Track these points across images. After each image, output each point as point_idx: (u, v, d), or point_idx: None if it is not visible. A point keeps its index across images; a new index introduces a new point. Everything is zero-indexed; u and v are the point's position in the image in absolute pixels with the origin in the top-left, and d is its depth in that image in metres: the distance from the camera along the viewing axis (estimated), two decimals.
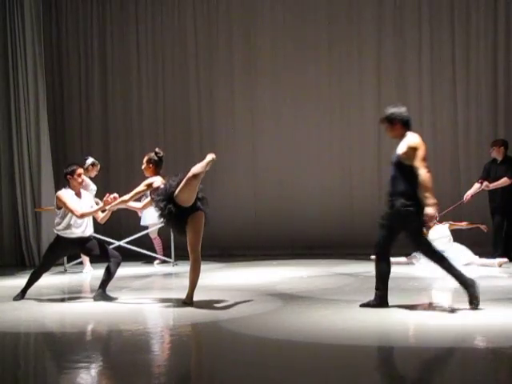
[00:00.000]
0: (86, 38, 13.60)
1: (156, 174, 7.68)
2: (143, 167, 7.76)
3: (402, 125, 6.73)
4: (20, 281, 10.04)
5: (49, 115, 12.67)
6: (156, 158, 7.68)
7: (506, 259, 9.84)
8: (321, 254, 11.59)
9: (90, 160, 10.79)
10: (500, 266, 9.72)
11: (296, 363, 5.00)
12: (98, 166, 10.92)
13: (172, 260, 11.19)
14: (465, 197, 10.47)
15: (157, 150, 7.77)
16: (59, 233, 7.85)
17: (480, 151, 11.81)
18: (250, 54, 12.99)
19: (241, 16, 13.03)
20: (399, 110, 6.81)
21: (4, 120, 12.24)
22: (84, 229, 7.88)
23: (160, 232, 11.36)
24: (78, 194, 7.93)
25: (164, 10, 13.36)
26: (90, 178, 10.64)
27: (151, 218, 10.44)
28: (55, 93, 13.60)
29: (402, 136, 6.72)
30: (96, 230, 11.30)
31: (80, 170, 7.97)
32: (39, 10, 12.53)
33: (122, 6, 13.48)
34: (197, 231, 7.14)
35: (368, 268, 9.87)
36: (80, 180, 7.94)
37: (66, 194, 7.82)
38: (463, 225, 10.54)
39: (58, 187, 12.60)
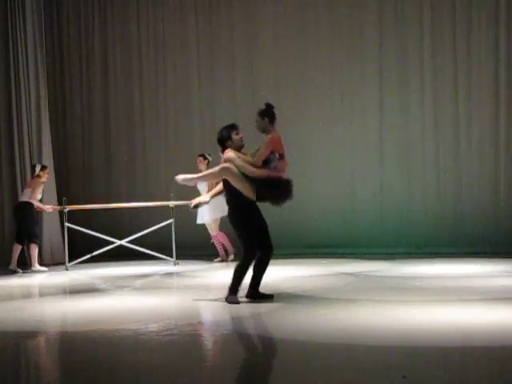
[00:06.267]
0: (88, 36, 13.64)
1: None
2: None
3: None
4: (20, 280, 10.07)
5: (50, 114, 12.68)
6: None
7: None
8: (322, 253, 11.58)
9: (38, 166, 11.13)
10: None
11: (299, 363, 4.99)
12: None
13: (173, 259, 11.18)
14: None
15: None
16: None
17: (481, 147, 11.88)
18: (251, 54, 13.04)
19: (242, 17, 13.08)
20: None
21: (5, 119, 12.25)
22: None
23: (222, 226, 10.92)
24: None
25: (165, 9, 13.43)
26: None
27: (208, 214, 10.67)
28: (56, 91, 13.62)
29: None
30: (97, 229, 11.37)
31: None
32: (40, 6, 12.58)
33: (123, 1, 13.58)
34: None
35: (369, 267, 9.89)
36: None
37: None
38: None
39: (58, 186, 12.64)
